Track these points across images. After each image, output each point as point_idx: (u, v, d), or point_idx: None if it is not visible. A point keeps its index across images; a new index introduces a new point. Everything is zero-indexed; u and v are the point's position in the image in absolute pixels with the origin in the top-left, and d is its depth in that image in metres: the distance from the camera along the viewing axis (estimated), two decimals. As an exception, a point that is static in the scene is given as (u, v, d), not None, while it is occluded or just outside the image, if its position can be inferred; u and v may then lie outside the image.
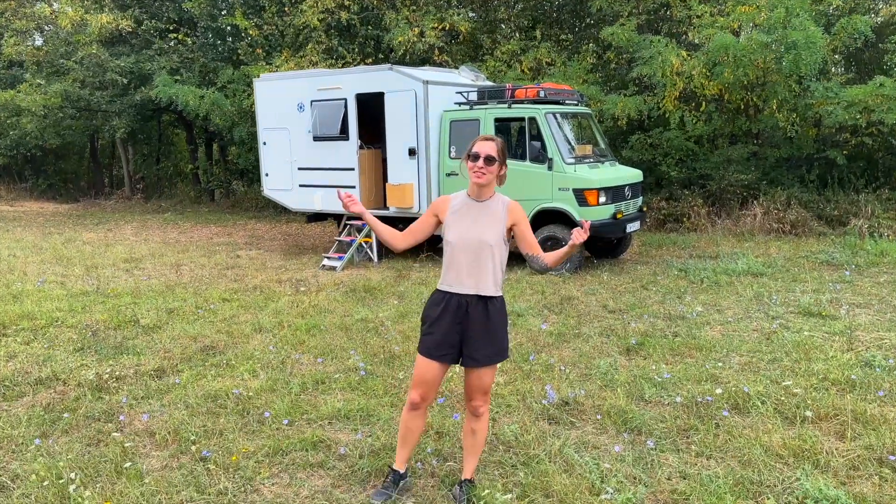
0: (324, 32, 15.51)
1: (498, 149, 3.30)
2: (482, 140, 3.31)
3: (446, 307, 3.33)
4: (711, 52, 11.84)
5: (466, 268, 3.30)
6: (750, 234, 12.27)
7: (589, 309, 7.51)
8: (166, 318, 7.36)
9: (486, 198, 3.34)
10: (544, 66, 14.33)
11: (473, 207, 3.34)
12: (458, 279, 3.32)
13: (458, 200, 3.40)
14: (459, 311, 3.32)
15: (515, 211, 3.34)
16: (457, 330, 3.33)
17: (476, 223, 3.31)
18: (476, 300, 3.32)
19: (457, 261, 3.32)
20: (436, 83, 10.20)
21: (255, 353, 6.04)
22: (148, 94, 16.70)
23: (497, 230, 3.30)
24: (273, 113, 11.63)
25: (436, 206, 3.43)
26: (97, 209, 21.63)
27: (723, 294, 8.13)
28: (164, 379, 5.48)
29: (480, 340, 3.32)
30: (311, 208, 11.56)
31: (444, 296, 3.36)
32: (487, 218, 3.30)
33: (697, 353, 5.87)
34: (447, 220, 3.38)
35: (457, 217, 3.35)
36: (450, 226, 3.35)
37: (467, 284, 3.31)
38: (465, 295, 3.31)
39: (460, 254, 3.31)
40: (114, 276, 10.07)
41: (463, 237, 3.31)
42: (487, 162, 3.25)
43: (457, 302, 3.32)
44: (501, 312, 3.40)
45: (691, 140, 13.69)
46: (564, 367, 5.51)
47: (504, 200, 3.35)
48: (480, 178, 3.26)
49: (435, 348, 3.32)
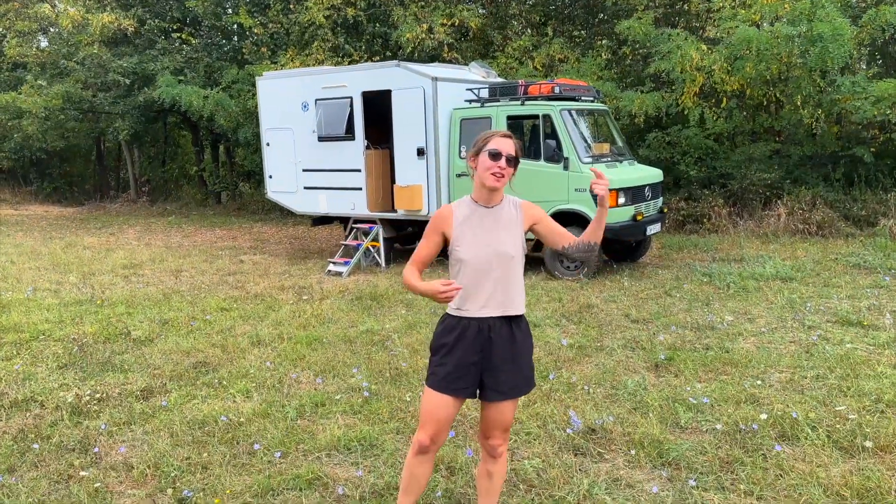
0: (330, 30, 15.08)
1: (517, 147, 2.82)
2: (500, 136, 2.81)
3: (463, 333, 2.82)
4: (733, 45, 11.30)
5: (492, 287, 2.81)
6: (774, 235, 11.72)
7: (610, 318, 7.02)
8: (159, 330, 6.92)
9: (497, 203, 2.86)
10: (557, 62, 13.83)
11: (485, 215, 2.84)
12: (481, 302, 2.82)
13: (464, 209, 2.87)
14: (480, 338, 2.82)
15: (531, 209, 2.90)
16: (476, 359, 2.84)
17: (492, 233, 2.83)
18: (500, 323, 2.83)
19: (477, 281, 2.83)
20: (445, 80, 9.73)
21: (251, 370, 5.58)
22: (151, 95, 16.31)
23: (517, 237, 2.85)
24: (276, 112, 11.19)
25: (437, 223, 2.88)
26: (102, 212, 21.29)
27: (752, 301, 7.61)
28: (150, 400, 5.04)
29: (506, 369, 2.83)
30: (316, 211, 11.12)
31: (460, 321, 2.86)
32: (503, 225, 2.84)
33: (732, 368, 5.37)
34: (455, 234, 2.85)
35: (466, 229, 2.84)
36: (460, 241, 2.84)
37: (492, 306, 2.82)
38: (486, 319, 2.83)
39: (480, 272, 2.82)
40: (111, 284, 9.66)
41: (480, 253, 2.81)
42: (510, 162, 2.77)
43: (476, 327, 2.82)
44: (527, 334, 2.93)
45: (711, 138, 13.14)
46: (588, 385, 5.02)
47: (515, 202, 2.90)
48: (499, 180, 2.75)
49: (450, 381, 2.83)
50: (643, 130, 13.49)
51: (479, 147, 2.81)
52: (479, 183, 2.82)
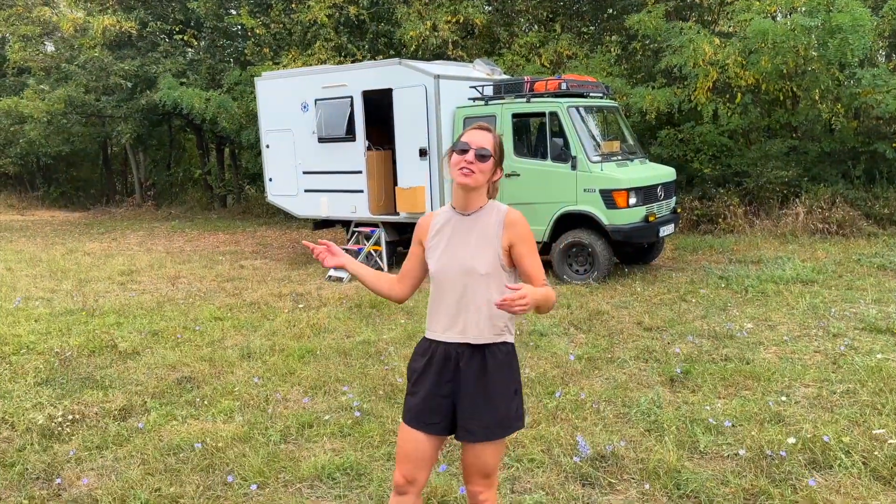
0: (332, 29, 14.75)
1: (494, 143, 2.45)
2: (475, 129, 2.47)
3: (431, 359, 2.50)
4: (748, 38, 10.86)
5: (454, 307, 2.47)
6: (792, 235, 11.27)
7: (622, 326, 6.63)
8: (147, 342, 6.60)
9: (475, 209, 2.50)
10: (565, 59, 13.43)
11: (459, 224, 2.51)
12: (444, 322, 2.49)
13: (442, 216, 2.56)
14: (448, 366, 2.48)
15: (515, 225, 2.46)
16: (445, 390, 2.48)
17: (462, 245, 2.48)
18: (469, 351, 2.46)
19: (442, 298, 2.50)
20: (448, 77, 9.36)
21: (237, 386, 5.24)
22: (152, 98, 16.04)
23: (489, 252, 2.45)
24: (276, 114, 10.87)
25: (417, 231, 2.61)
26: (106, 217, 21.08)
27: (772, 306, 7.19)
28: (128, 420, 4.71)
29: (475, 406, 2.45)
30: (317, 214, 10.79)
31: (430, 345, 2.53)
32: (477, 235, 2.47)
33: (754, 383, 4.97)
34: (428, 244, 2.55)
35: (439, 239, 2.52)
36: (431, 252, 2.54)
37: (454, 331, 2.48)
38: (452, 344, 2.48)
39: (443, 289, 2.50)
40: (105, 291, 9.36)
41: (446, 266, 2.48)
42: (479, 157, 2.40)
43: (444, 353, 2.49)
44: (506, 367, 2.49)
45: (725, 134, 12.69)
46: (597, 403, 4.64)
47: (500, 210, 2.50)
48: (467, 176, 2.39)
49: (420, 415, 2.48)
50: (654, 128, 13.06)
51: (455, 141, 2.47)
52: (455, 184, 2.48)
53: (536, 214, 8.85)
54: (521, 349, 5.93)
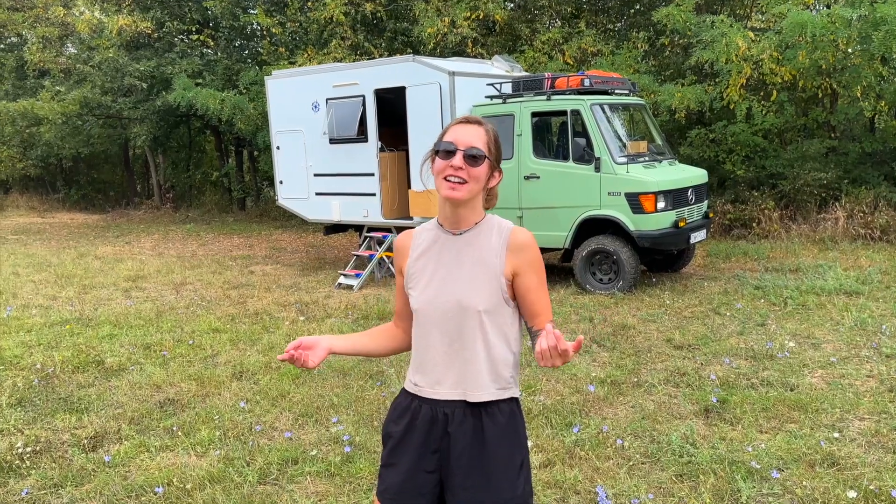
0: (349, 27, 14.31)
1: (488, 139, 1.91)
2: (461, 123, 1.91)
3: (414, 422, 1.97)
4: (785, 31, 10.19)
5: (444, 354, 1.93)
6: (832, 241, 10.56)
7: (649, 343, 6.05)
8: (137, 357, 6.16)
9: (469, 226, 1.96)
10: (590, 56, 12.83)
11: (449, 245, 1.97)
12: (432, 374, 1.96)
13: (425, 236, 2.02)
14: (435, 431, 1.94)
15: (523, 249, 1.92)
16: (431, 464, 1.94)
17: (454, 273, 1.94)
18: (463, 412, 1.93)
19: (428, 343, 1.96)
20: (463, 74, 8.84)
21: (222, 411, 4.76)
22: (167, 98, 15.74)
23: (489, 282, 1.91)
24: (286, 114, 10.44)
25: (396, 256, 2.07)
26: (124, 220, 20.88)
27: (814, 321, 6.56)
28: (97, 451, 4.25)
29: (469, 486, 1.90)
30: (328, 218, 10.33)
31: (412, 402, 1.99)
32: (473, 260, 1.93)
33: (801, 414, 4.37)
34: (409, 271, 2.01)
35: (423, 265, 1.98)
36: (413, 281, 1.99)
37: (447, 384, 1.94)
38: (442, 402, 1.95)
39: (432, 331, 1.95)
40: (108, 299, 8.99)
41: (433, 301, 1.94)
42: (470, 160, 1.86)
43: (429, 414, 1.95)
44: (510, 433, 1.95)
45: (759, 134, 12.01)
46: (622, 438, 4.08)
47: (502, 228, 1.96)
48: (455, 189, 1.85)
49: (398, 496, 1.94)
50: (684, 127, 12.42)
51: (437, 142, 1.92)
52: (439, 196, 1.94)
53: (557, 219, 8.29)
54: (535, 371, 5.38)
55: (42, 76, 21.97)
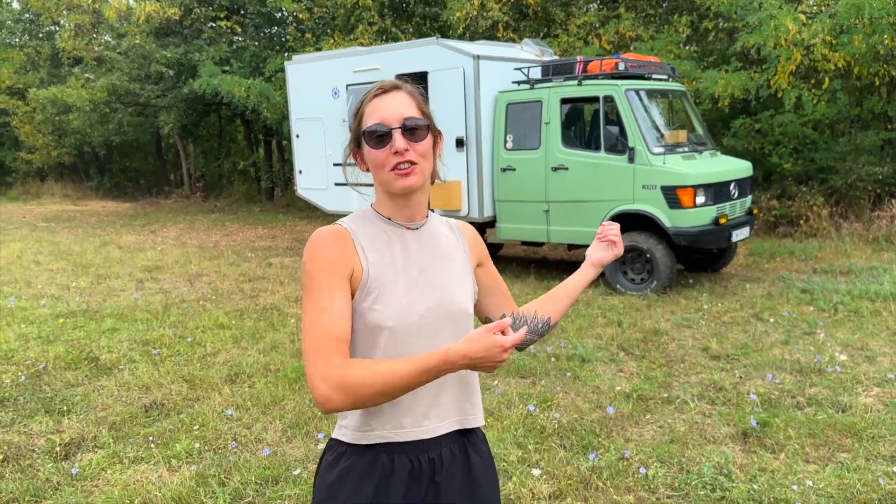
0: (376, 12, 13.88)
1: (416, 100, 1.53)
2: (377, 97, 1.51)
3: (383, 486, 1.47)
4: (840, 14, 9.44)
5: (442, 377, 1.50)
6: (887, 240, 9.81)
7: (683, 352, 5.50)
8: (133, 354, 5.82)
9: (423, 217, 1.60)
10: (628, 41, 12.18)
11: (409, 241, 1.56)
12: (414, 408, 1.49)
13: (369, 234, 1.53)
14: (416, 488, 1.49)
15: (475, 235, 1.72)
16: None
17: (429, 275, 1.54)
18: (451, 449, 1.53)
19: None
20: (489, 58, 8.34)
21: (208, 418, 4.37)
22: (192, 86, 15.52)
23: (468, 281, 1.62)
24: (306, 101, 10.06)
25: (335, 262, 1.47)
26: (154, 209, 20.82)
27: (868, 330, 5.94)
28: (69, 459, 3.89)
29: None
30: (348, 210, 9.92)
31: (375, 458, 1.48)
32: (442, 258, 1.58)
33: (854, 442, 3.81)
34: (366, 279, 1.49)
35: (381, 271, 1.50)
36: (373, 293, 1.48)
37: (434, 415, 1.51)
38: (428, 443, 1.50)
39: (410, 350, 1.48)
40: (120, 290, 8.72)
41: (411, 312, 1.48)
42: (411, 135, 1.47)
43: (408, 466, 1.48)
44: (490, 461, 1.62)
45: (808, 125, 11.25)
46: (646, 466, 3.57)
47: (442, 219, 1.68)
48: (409, 174, 1.47)
49: None
50: (728, 116, 11.71)
51: (355, 130, 1.53)
52: (383, 189, 1.54)
53: (587, 214, 7.75)
54: (553, 382, 4.88)
55: (76, 64, 22.03)
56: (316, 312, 1.42)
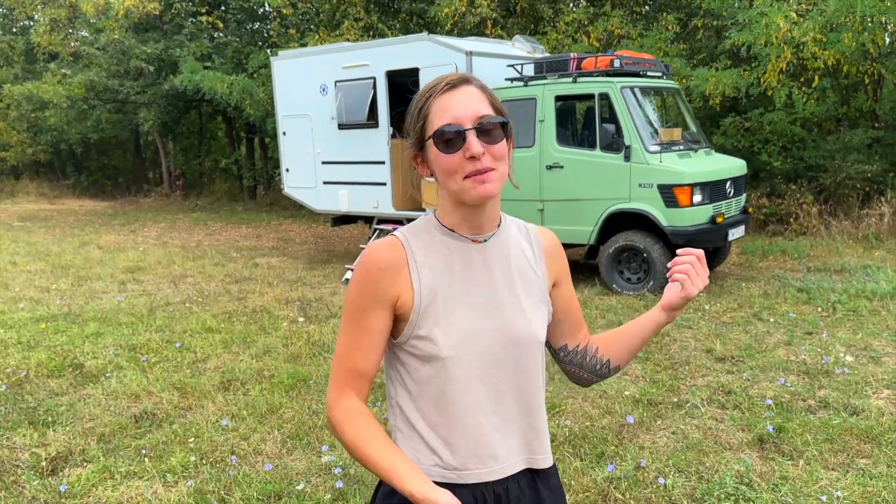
0: (362, 8, 13.67)
1: (490, 96, 1.33)
2: (446, 92, 1.30)
3: None
4: (832, 11, 9.42)
5: (495, 415, 1.36)
6: (877, 238, 9.82)
7: (687, 354, 5.39)
8: (120, 360, 5.61)
9: (493, 227, 1.39)
10: (616, 38, 12.10)
11: (474, 257, 1.36)
12: (479, 448, 1.34)
13: (429, 249, 1.35)
14: None
15: (559, 252, 1.49)
16: None
17: (495, 297, 1.36)
18: (519, 484, 1.39)
19: (467, 403, 1.33)
20: (482, 54, 8.19)
21: (202, 429, 4.18)
22: (174, 82, 15.19)
23: (542, 304, 1.41)
24: (293, 97, 9.83)
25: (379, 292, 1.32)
26: (133, 207, 20.43)
27: (869, 329, 5.88)
28: (56, 475, 3.69)
29: None
30: (336, 209, 9.73)
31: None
32: (514, 277, 1.39)
33: (872, 447, 3.72)
34: (419, 304, 1.32)
35: (442, 290, 1.33)
36: (429, 320, 1.32)
37: (502, 454, 1.36)
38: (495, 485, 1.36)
39: (472, 383, 1.33)
40: (102, 292, 8.47)
41: (473, 341, 1.32)
42: (486, 137, 1.28)
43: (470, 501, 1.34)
44: (561, 497, 1.46)
45: (797, 123, 11.24)
46: (664, 476, 3.45)
47: (523, 227, 1.47)
48: (486, 181, 1.27)
49: None
50: (717, 115, 11.67)
51: (419, 130, 1.33)
52: (450, 197, 1.34)
53: (582, 213, 7.63)
54: (559, 386, 4.75)
55: (52, 59, 21.54)
56: (345, 340, 1.35)
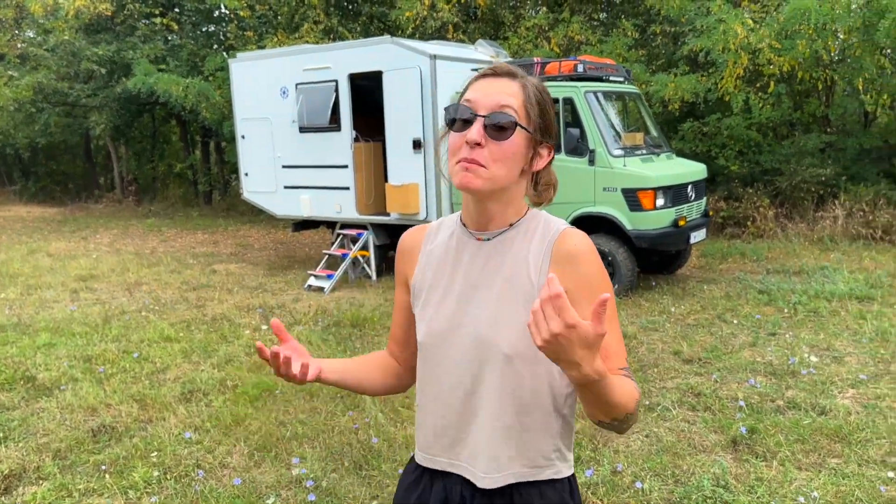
0: (322, 11, 13.51)
1: (525, 97, 1.26)
2: (485, 77, 1.28)
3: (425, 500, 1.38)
4: (786, 18, 9.62)
5: (456, 410, 1.34)
6: (831, 240, 10.05)
7: (655, 357, 5.41)
8: (75, 372, 5.38)
9: (501, 227, 1.34)
10: (577, 44, 12.18)
11: (469, 254, 1.36)
12: (442, 435, 1.36)
13: (441, 237, 1.40)
14: None
15: (575, 261, 1.27)
16: None
17: (473, 296, 1.33)
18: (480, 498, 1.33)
19: (438, 391, 1.35)
20: (445, 58, 8.14)
21: (165, 442, 4.02)
22: (126, 85, 14.79)
23: (522, 315, 1.28)
24: (252, 100, 9.64)
25: (398, 259, 1.46)
26: (83, 214, 19.83)
27: (830, 329, 5.98)
28: (8, 495, 3.50)
29: None
30: (297, 214, 9.56)
31: (421, 475, 1.41)
32: (500, 279, 1.32)
33: (842, 447, 3.76)
34: (415, 285, 1.41)
35: (434, 280, 1.38)
36: (420, 302, 1.39)
37: (457, 452, 1.35)
38: (457, 478, 1.35)
39: (441, 374, 1.34)
40: (53, 301, 8.16)
41: (445, 334, 1.33)
42: (494, 130, 1.23)
43: (441, 495, 1.36)
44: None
45: (753, 128, 11.46)
46: (641, 480, 3.42)
47: (549, 229, 1.32)
48: (471, 174, 1.24)
49: None
50: (676, 120, 11.83)
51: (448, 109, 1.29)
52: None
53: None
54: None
55: (-2, 61, 20.84)
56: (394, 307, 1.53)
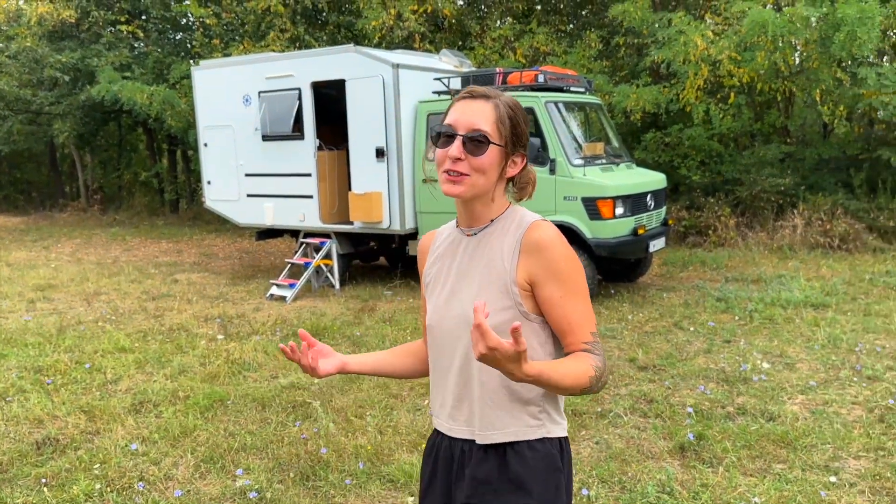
0: (288, 19, 13.47)
1: (498, 116, 1.52)
2: (463, 99, 1.55)
3: (437, 460, 1.68)
4: (745, 31, 9.80)
5: (455, 380, 1.61)
6: (790, 249, 10.22)
7: (610, 364, 5.44)
8: (23, 383, 5.27)
9: (484, 223, 1.61)
10: (542, 55, 12.29)
11: (462, 248, 1.64)
12: (446, 405, 1.64)
13: (444, 236, 1.72)
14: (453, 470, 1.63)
15: (540, 249, 1.51)
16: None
17: (460, 283, 1.61)
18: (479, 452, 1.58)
19: (441, 367, 1.64)
20: (409, 67, 8.15)
21: (110, 454, 3.94)
22: (90, 93, 14.59)
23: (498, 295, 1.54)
24: (215, 108, 9.57)
25: (419, 262, 1.79)
26: (48, 223, 19.50)
27: (784, 336, 6.07)
28: (-57, 511, 3.41)
29: None
30: (261, 223, 9.48)
31: (436, 438, 1.70)
32: (479, 267, 1.59)
33: (788, 452, 3.81)
34: (425, 279, 1.72)
35: (436, 273, 1.68)
36: (428, 293, 1.70)
37: (459, 417, 1.61)
38: (456, 440, 1.63)
39: (444, 352, 1.63)
40: (9, 311, 8.00)
41: (442, 316, 1.61)
42: (471, 145, 1.50)
43: (447, 451, 1.65)
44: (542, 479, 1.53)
45: (714, 139, 11.64)
46: (587, 487, 3.43)
47: (522, 222, 1.57)
48: (455, 182, 1.52)
49: None
50: (638, 130, 11.97)
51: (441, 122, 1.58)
52: None
53: (509, 226, 7.66)
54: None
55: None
56: None
